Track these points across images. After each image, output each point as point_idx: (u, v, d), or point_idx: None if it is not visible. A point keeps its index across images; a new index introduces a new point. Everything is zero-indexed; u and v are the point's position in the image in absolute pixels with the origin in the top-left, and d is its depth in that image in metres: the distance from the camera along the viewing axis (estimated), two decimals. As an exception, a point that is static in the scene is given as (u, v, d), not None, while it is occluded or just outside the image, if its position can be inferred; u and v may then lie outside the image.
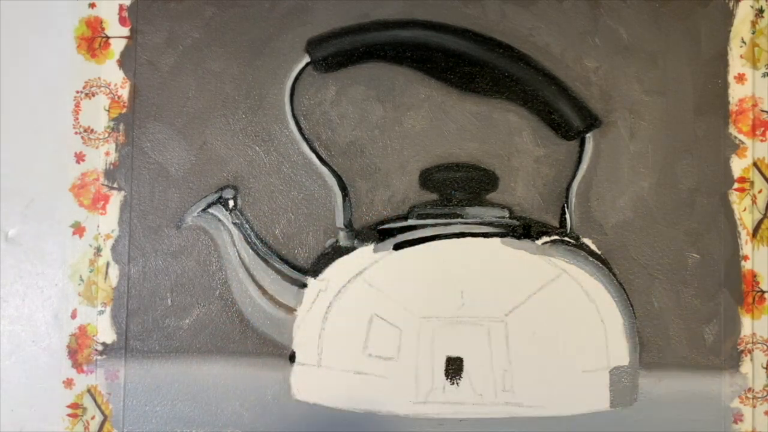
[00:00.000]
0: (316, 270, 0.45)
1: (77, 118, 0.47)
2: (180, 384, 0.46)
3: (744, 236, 0.46)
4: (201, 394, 0.46)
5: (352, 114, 0.47)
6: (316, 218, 0.47)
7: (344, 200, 0.46)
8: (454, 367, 0.43)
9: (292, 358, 0.45)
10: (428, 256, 0.44)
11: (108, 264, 0.47)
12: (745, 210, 0.46)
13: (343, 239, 0.46)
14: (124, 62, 0.48)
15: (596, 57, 0.47)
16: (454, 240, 0.44)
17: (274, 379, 0.45)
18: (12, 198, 0.47)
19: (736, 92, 0.47)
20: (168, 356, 0.46)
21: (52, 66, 0.48)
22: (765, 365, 0.46)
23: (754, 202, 0.47)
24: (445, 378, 0.43)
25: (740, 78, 0.47)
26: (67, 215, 0.47)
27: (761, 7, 0.47)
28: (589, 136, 0.46)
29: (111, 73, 0.48)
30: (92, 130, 0.47)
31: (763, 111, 0.47)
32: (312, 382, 0.44)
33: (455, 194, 0.46)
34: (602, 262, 0.45)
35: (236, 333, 0.46)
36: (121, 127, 0.47)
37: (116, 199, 0.47)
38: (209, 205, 0.46)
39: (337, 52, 0.46)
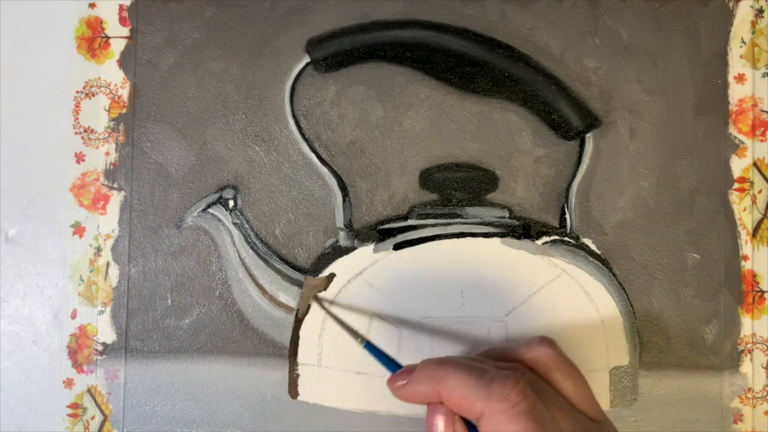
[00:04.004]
0: (316, 270, 0.45)
1: (77, 119, 0.47)
2: (180, 384, 0.46)
3: (744, 236, 0.46)
4: (201, 394, 0.46)
5: (352, 114, 0.47)
6: (316, 218, 0.47)
7: (344, 200, 0.46)
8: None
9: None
10: (428, 256, 0.44)
11: (108, 264, 0.47)
12: (745, 210, 0.46)
13: (343, 239, 0.46)
14: (124, 62, 0.48)
15: (596, 57, 0.47)
16: (454, 240, 0.44)
17: (274, 379, 0.45)
18: (12, 198, 0.47)
19: (736, 92, 0.47)
20: (168, 356, 0.46)
21: (52, 66, 0.48)
22: (765, 365, 0.46)
23: (754, 202, 0.46)
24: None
25: (740, 78, 0.47)
26: (67, 215, 0.47)
27: (761, 7, 0.47)
28: (589, 136, 0.46)
29: (111, 73, 0.48)
30: (92, 130, 0.47)
31: (763, 111, 0.47)
32: (312, 382, 0.44)
33: (455, 194, 0.46)
34: (602, 262, 0.45)
35: (236, 333, 0.46)
36: (121, 127, 0.47)
37: (116, 199, 0.47)
38: (209, 205, 0.46)
39: (337, 52, 0.46)
